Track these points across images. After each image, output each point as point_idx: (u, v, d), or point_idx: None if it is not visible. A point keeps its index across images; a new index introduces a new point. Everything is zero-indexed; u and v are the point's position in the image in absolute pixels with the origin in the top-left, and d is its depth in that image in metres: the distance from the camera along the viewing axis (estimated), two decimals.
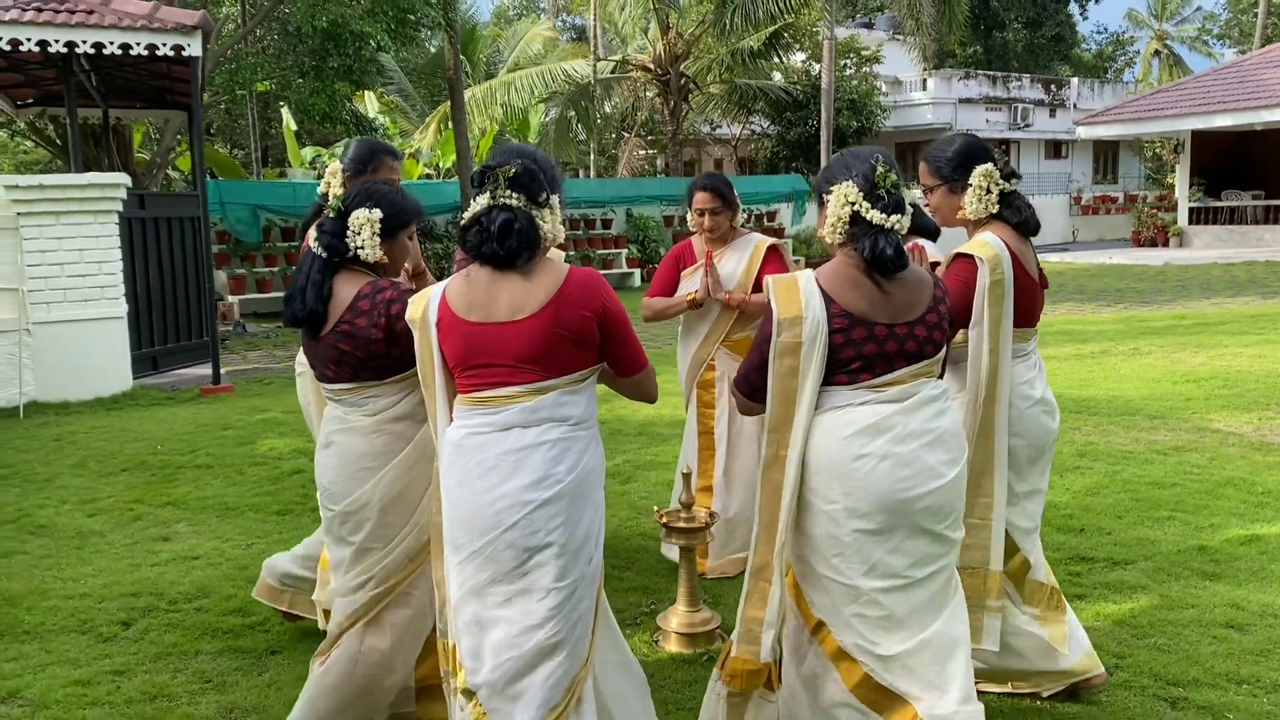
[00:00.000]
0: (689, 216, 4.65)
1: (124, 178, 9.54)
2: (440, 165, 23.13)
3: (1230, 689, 3.41)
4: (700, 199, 4.52)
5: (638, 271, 19.87)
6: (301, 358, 3.59)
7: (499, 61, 28.53)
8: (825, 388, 2.57)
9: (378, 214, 2.94)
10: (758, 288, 4.48)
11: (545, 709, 2.54)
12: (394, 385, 2.99)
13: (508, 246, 2.54)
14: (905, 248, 2.61)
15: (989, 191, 3.18)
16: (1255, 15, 32.74)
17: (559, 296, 2.56)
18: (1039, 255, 3.40)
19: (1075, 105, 33.12)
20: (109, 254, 9.44)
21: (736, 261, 4.54)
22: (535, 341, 2.55)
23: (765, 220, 22.40)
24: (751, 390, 2.68)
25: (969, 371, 3.11)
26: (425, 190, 18.72)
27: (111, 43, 9.03)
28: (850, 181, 2.57)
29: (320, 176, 22.82)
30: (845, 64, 26.90)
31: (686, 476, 3.93)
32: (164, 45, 9.17)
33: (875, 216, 2.53)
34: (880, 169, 2.57)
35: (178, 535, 5.39)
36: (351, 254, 2.96)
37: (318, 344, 2.99)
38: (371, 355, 2.92)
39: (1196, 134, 24.32)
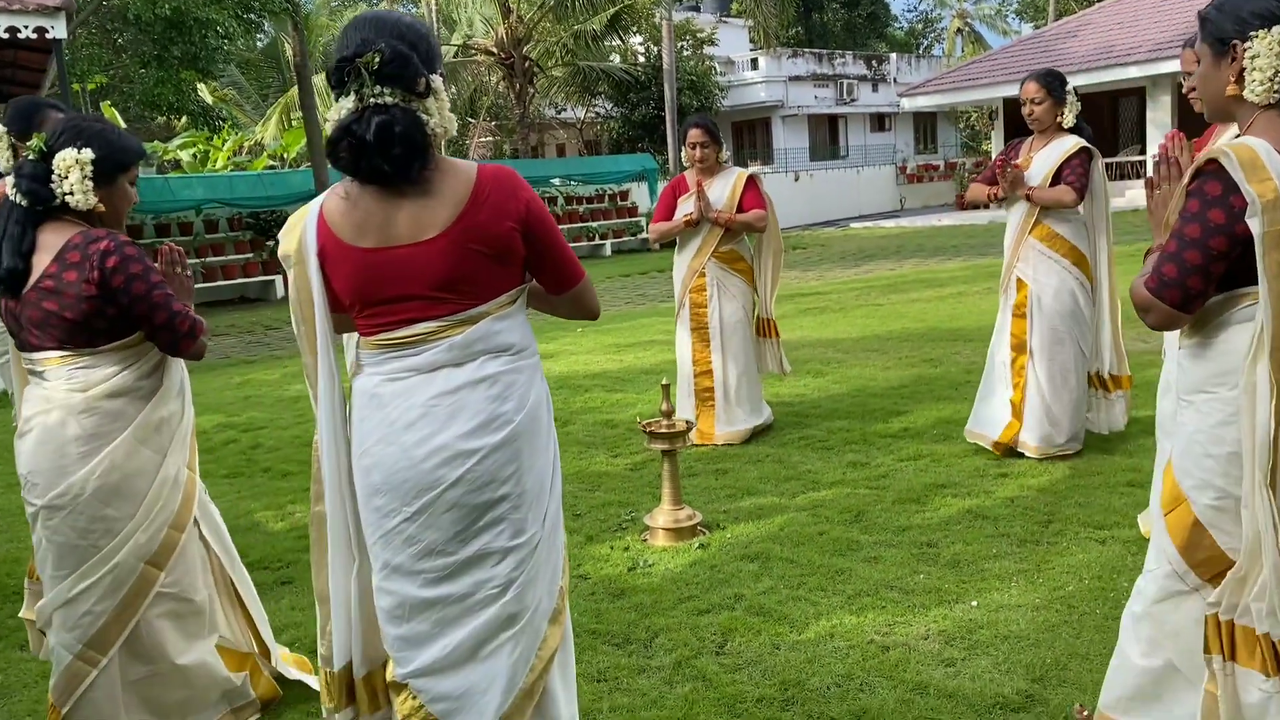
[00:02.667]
0: (684, 151, 5.59)
1: None
2: (285, 156, 22.60)
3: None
4: (694, 134, 5.51)
5: None
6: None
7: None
8: None
9: (89, 154, 2.57)
10: (741, 211, 5.52)
11: (509, 693, 2.16)
12: (111, 354, 2.64)
13: (392, 157, 2.01)
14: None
15: None
16: None
17: (472, 205, 2.08)
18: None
19: (895, 80, 34.86)
20: None
21: (722, 188, 5.54)
22: (450, 263, 2.07)
23: (619, 199, 22.84)
24: (1187, 298, 2.11)
25: None
26: (275, 181, 18.31)
27: None
28: None
29: (160, 172, 21.97)
30: (682, 45, 27.62)
31: (666, 388, 4.30)
32: (26, 28, 8.84)
33: None
34: None
35: None
36: (59, 201, 2.59)
37: (19, 305, 2.61)
38: (83, 316, 2.57)
39: (1008, 101, 26.07)
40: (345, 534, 2.24)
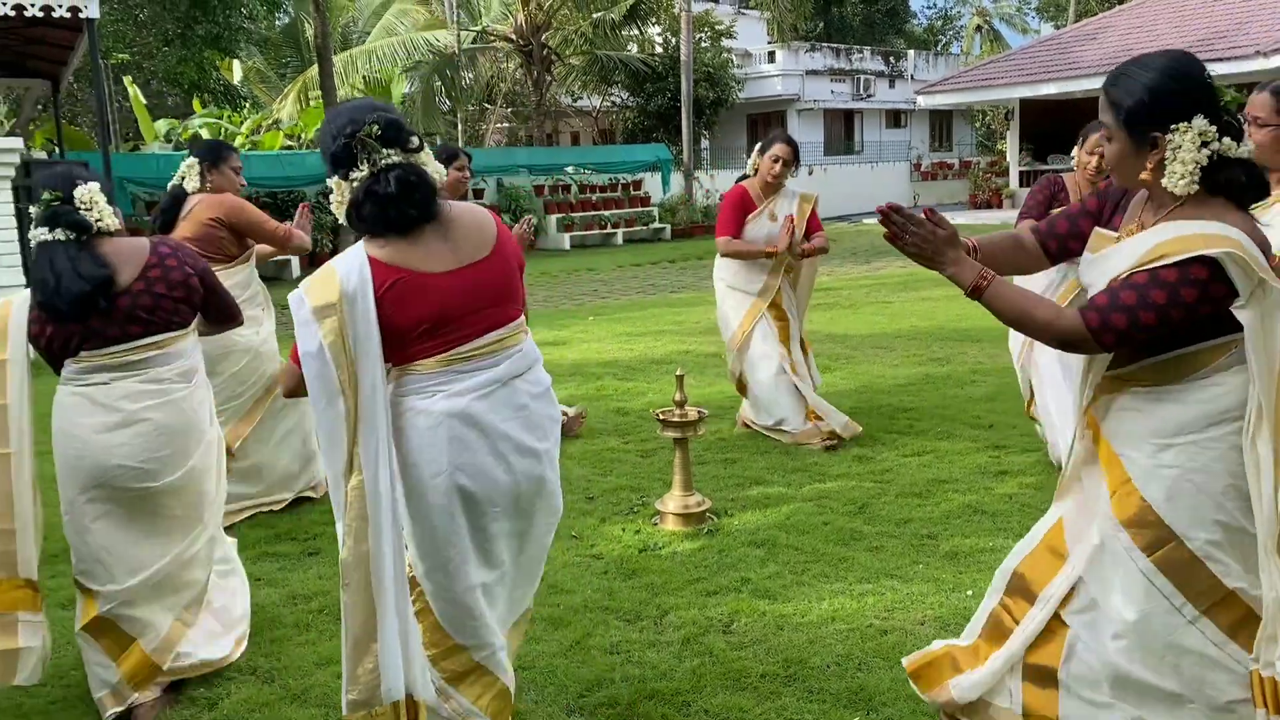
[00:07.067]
0: (761, 162, 5.47)
1: (18, 143, 9.33)
2: (302, 136, 22.74)
3: None
4: (782, 150, 5.45)
5: None
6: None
7: (354, 32, 28.12)
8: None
9: (95, 185, 3.03)
10: (808, 233, 5.57)
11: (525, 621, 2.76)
12: (191, 336, 3.18)
13: (416, 202, 2.33)
14: None
15: None
16: None
17: (500, 228, 2.48)
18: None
19: (912, 76, 34.89)
20: (6, 221, 9.22)
21: (787, 208, 5.51)
22: (508, 273, 2.45)
23: (631, 189, 22.95)
24: (1118, 345, 2.20)
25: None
26: (292, 161, 18.48)
27: (5, 3, 8.82)
28: (1199, 115, 2.11)
29: (177, 149, 22.11)
30: (700, 37, 27.68)
31: (680, 378, 4.47)
32: (60, 6, 9.00)
33: (1242, 151, 2.14)
34: (1219, 85, 2.17)
35: None
36: (95, 230, 3.01)
37: (112, 308, 2.97)
38: (187, 297, 3.11)
39: (1024, 102, 26.13)
40: (401, 569, 2.35)
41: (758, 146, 5.61)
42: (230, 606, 3.39)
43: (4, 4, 8.87)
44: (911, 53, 37.04)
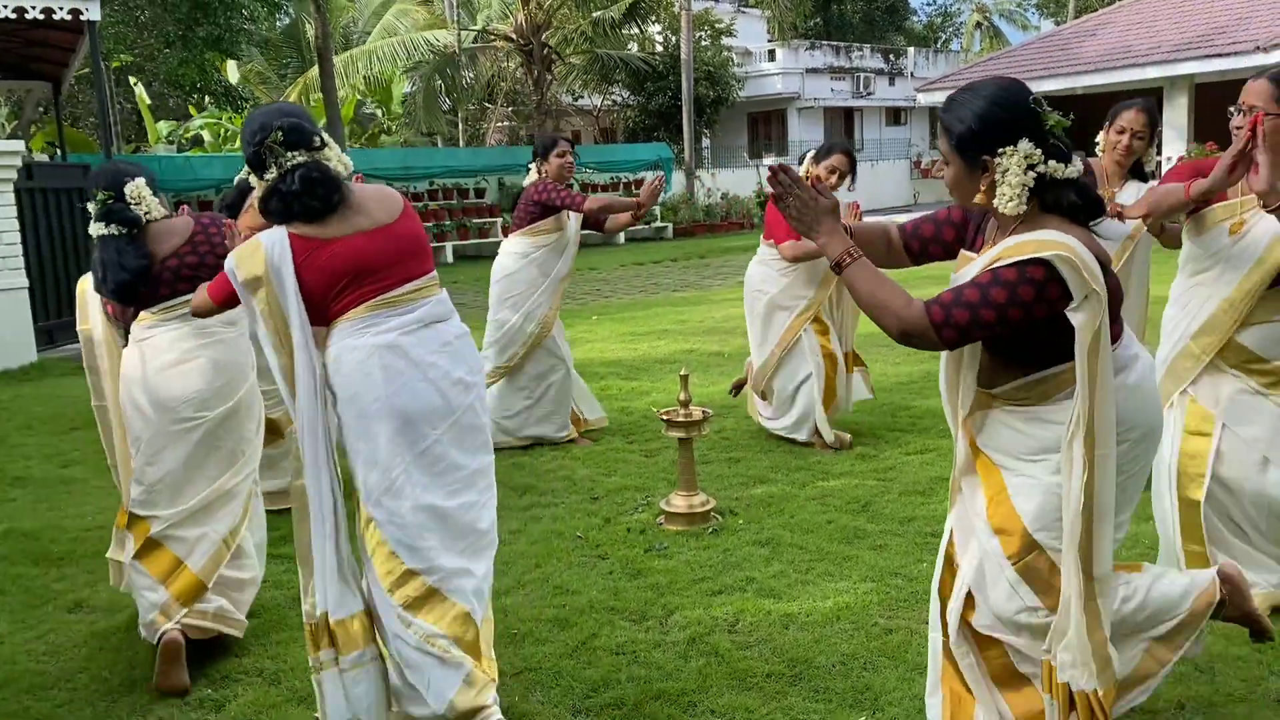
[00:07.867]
0: (815, 171, 5.25)
1: (19, 145, 9.33)
2: None
3: None
4: (841, 161, 5.23)
5: None
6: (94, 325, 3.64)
7: (354, 32, 28.12)
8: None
9: (142, 180, 3.40)
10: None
11: (493, 548, 2.85)
12: None
13: (319, 196, 2.59)
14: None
15: None
16: None
17: (405, 201, 2.78)
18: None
19: (912, 74, 34.87)
20: (8, 223, 9.23)
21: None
22: (418, 230, 2.74)
23: (634, 188, 22.96)
24: (958, 342, 2.23)
25: None
26: None
27: (6, 5, 8.83)
28: (1025, 139, 2.18)
29: (180, 150, 22.19)
30: (700, 35, 27.69)
31: (684, 378, 4.48)
32: (61, 9, 9.02)
33: (1070, 172, 2.22)
34: (1044, 111, 2.22)
35: None
36: (144, 221, 3.38)
37: (160, 272, 3.36)
38: (226, 254, 3.47)
39: None
40: (330, 500, 2.62)
41: (811, 153, 5.41)
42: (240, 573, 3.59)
43: (5, 6, 8.88)
44: (911, 50, 37.03)
